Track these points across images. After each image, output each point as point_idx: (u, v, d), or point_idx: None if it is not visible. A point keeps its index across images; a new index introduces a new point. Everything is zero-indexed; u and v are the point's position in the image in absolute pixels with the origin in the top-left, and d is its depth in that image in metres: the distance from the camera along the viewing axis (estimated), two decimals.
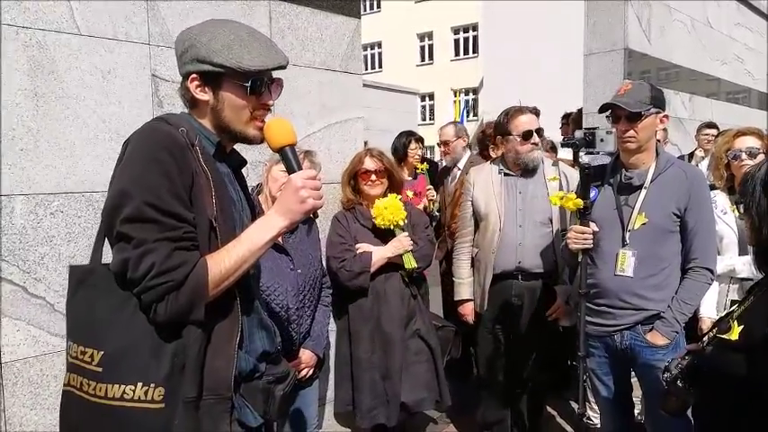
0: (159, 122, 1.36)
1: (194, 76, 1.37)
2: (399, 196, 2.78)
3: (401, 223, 2.73)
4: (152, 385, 1.23)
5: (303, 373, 2.47)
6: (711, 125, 5.25)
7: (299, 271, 2.40)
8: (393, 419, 2.74)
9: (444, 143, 4.46)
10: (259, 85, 1.38)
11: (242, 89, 1.37)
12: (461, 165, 4.31)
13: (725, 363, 1.52)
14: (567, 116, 5.56)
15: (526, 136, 2.89)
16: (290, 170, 1.40)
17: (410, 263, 2.74)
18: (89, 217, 2.22)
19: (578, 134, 2.31)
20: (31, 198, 2.10)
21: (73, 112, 2.18)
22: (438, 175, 4.67)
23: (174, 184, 1.25)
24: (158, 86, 2.41)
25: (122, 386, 1.22)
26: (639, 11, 4.87)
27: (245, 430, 1.39)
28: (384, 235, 2.77)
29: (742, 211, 1.68)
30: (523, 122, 2.91)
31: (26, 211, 2.09)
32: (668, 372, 1.74)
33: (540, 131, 2.93)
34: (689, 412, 1.81)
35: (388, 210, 2.69)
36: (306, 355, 2.47)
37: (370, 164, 2.79)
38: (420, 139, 4.67)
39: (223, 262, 1.29)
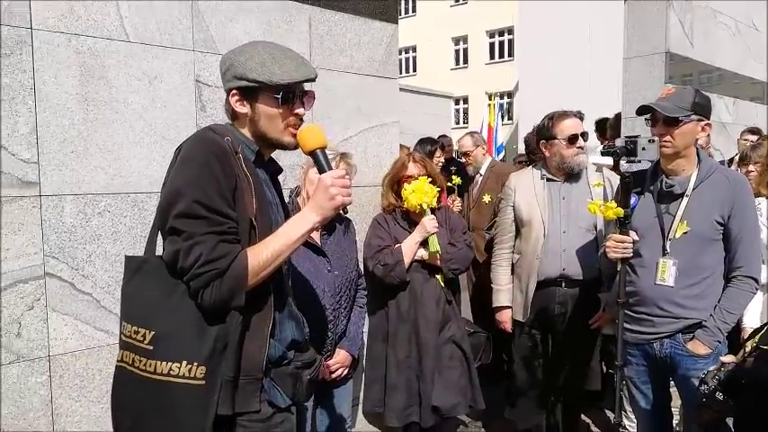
0: (208, 132, 1.52)
1: (234, 91, 1.54)
2: (429, 178, 2.77)
3: (425, 207, 2.71)
4: (195, 364, 1.38)
5: (338, 372, 2.51)
6: (755, 131, 5.09)
7: (336, 272, 2.44)
8: (427, 421, 2.75)
9: (465, 154, 4.55)
10: (291, 97, 1.54)
11: (274, 100, 1.52)
12: (483, 171, 4.48)
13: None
14: (599, 123, 5.40)
15: (572, 140, 2.85)
16: (321, 170, 1.54)
17: (434, 246, 2.71)
18: (134, 216, 2.30)
19: (619, 142, 2.27)
20: (80, 198, 2.19)
21: (121, 116, 2.27)
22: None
23: (220, 185, 1.41)
24: (201, 91, 2.48)
25: (170, 363, 1.38)
26: (681, 13, 4.76)
27: (276, 410, 1.55)
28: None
29: None
30: (569, 126, 2.88)
31: (75, 210, 2.18)
32: (705, 384, 1.71)
33: (584, 135, 2.90)
34: (731, 423, 1.77)
35: (414, 193, 2.69)
36: (341, 355, 2.51)
37: (413, 169, 2.81)
38: (443, 147, 4.69)
39: (262, 254, 1.44)
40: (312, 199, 1.53)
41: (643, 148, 2.21)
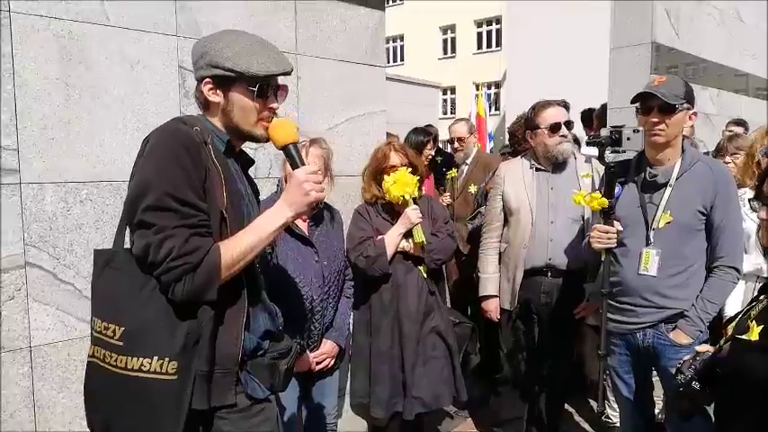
0: (176, 122, 1.49)
1: (208, 79, 1.51)
2: (410, 169, 2.72)
3: (407, 197, 2.68)
4: (167, 359, 1.37)
5: (325, 363, 2.50)
6: (739, 122, 5.14)
7: (325, 263, 2.43)
8: (410, 413, 2.75)
9: (459, 139, 4.47)
10: (266, 89, 1.52)
11: (249, 92, 1.50)
12: (469, 160, 4.43)
13: (745, 364, 1.50)
14: (585, 114, 5.39)
15: (554, 128, 2.86)
16: (293, 166, 1.55)
17: (419, 236, 2.70)
18: (117, 205, 2.26)
19: (604, 132, 2.28)
20: (61, 186, 2.15)
21: (102, 102, 2.23)
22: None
23: (190, 177, 1.40)
24: (185, 77, 2.44)
25: (141, 359, 1.36)
26: (668, 4, 4.77)
27: (254, 401, 1.55)
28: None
29: (756, 209, 1.65)
30: (551, 115, 2.89)
31: (56, 198, 2.14)
32: (681, 374, 1.72)
33: (568, 124, 2.90)
34: (711, 412, 1.79)
35: (396, 184, 2.65)
36: (328, 346, 2.50)
37: (396, 159, 2.75)
38: (436, 139, 4.67)
39: (235, 248, 1.44)
40: (286, 194, 1.53)
41: (628, 138, 2.21)
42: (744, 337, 1.52)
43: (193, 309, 1.40)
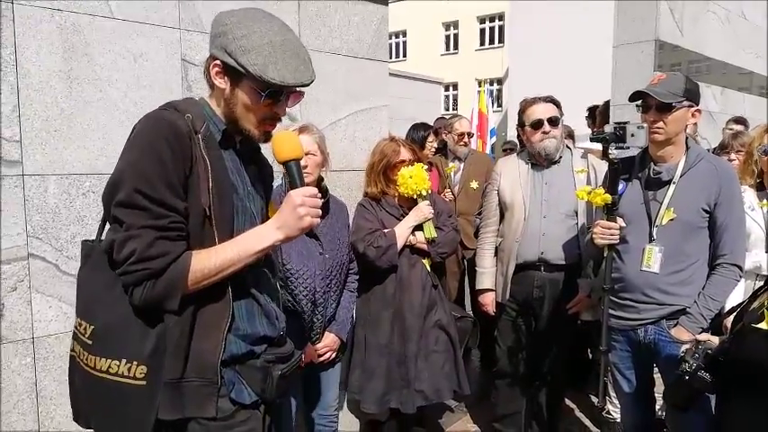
0: (164, 111, 1.37)
1: (217, 63, 1.38)
2: (425, 166, 2.80)
3: (424, 193, 2.73)
4: (135, 363, 1.28)
5: (326, 356, 2.51)
6: (740, 120, 5.13)
7: (327, 255, 2.43)
8: (409, 406, 2.75)
9: (469, 134, 4.56)
10: (276, 96, 1.39)
11: (257, 95, 1.37)
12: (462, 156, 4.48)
13: (764, 353, 1.49)
14: (592, 110, 5.45)
15: (535, 125, 2.89)
16: (292, 185, 1.41)
17: (430, 232, 2.75)
18: None
19: (608, 128, 2.27)
20: (63, 178, 2.15)
21: (105, 95, 2.22)
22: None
23: (167, 172, 1.28)
24: (188, 71, 2.44)
25: (108, 360, 1.29)
26: (672, 2, 4.76)
27: (239, 407, 1.41)
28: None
29: None
30: (534, 111, 2.92)
31: (59, 191, 2.14)
32: (686, 362, 1.71)
33: (553, 120, 2.89)
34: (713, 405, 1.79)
35: (413, 179, 2.69)
36: (329, 339, 2.51)
37: (406, 154, 2.79)
38: (437, 132, 4.68)
39: (209, 260, 1.32)
40: (278, 215, 1.39)
41: (632, 135, 2.20)
42: (761, 326, 1.51)
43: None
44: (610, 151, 2.23)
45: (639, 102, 2.33)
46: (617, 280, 2.39)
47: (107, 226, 1.39)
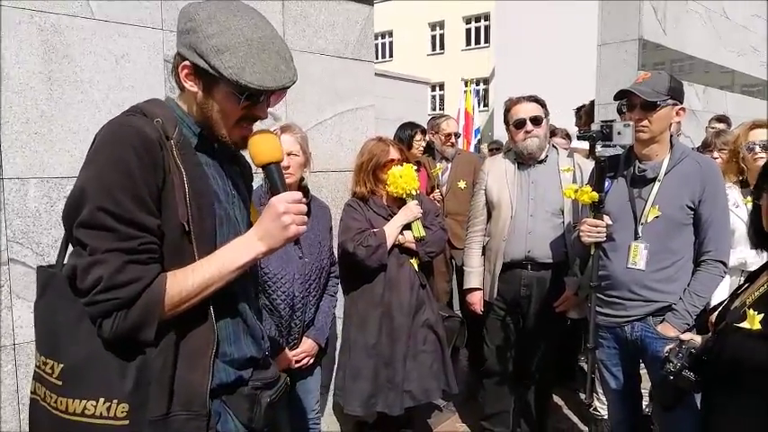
0: (130, 116, 1.23)
1: (187, 64, 1.23)
2: (415, 166, 2.82)
3: (413, 192, 2.75)
4: (115, 401, 1.13)
5: (304, 361, 2.47)
6: (722, 119, 5.18)
7: (307, 259, 2.39)
8: (396, 408, 2.74)
9: (456, 134, 4.61)
10: (255, 100, 1.25)
11: (235, 98, 1.22)
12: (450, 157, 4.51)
13: (748, 352, 1.50)
14: (579, 110, 5.51)
15: (517, 124, 2.91)
16: (273, 191, 1.28)
17: (419, 231, 2.76)
18: None
19: (595, 127, 2.29)
20: (44, 181, 2.11)
21: (86, 97, 2.19)
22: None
23: (136, 187, 1.13)
24: (171, 72, 2.41)
25: (83, 401, 1.14)
26: (655, 1, 4.80)
27: None
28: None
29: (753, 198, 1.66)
30: (516, 111, 2.95)
31: (40, 194, 2.11)
32: (670, 362, 1.72)
33: (536, 120, 2.90)
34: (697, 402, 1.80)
35: (403, 178, 2.70)
36: (307, 344, 2.46)
37: (395, 153, 2.81)
38: (424, 131, 4.69)
39: (186, 281, 1.17)
40: (260, 224, 1.24)
41: (618, 133, 2.23)
42: (743, 325, 1.52)
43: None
44: (597, 149, 2.25)
45: (620, 103, 2.35)
46: (604, 277, 2.41)
47: (69, 248, 1.22)
